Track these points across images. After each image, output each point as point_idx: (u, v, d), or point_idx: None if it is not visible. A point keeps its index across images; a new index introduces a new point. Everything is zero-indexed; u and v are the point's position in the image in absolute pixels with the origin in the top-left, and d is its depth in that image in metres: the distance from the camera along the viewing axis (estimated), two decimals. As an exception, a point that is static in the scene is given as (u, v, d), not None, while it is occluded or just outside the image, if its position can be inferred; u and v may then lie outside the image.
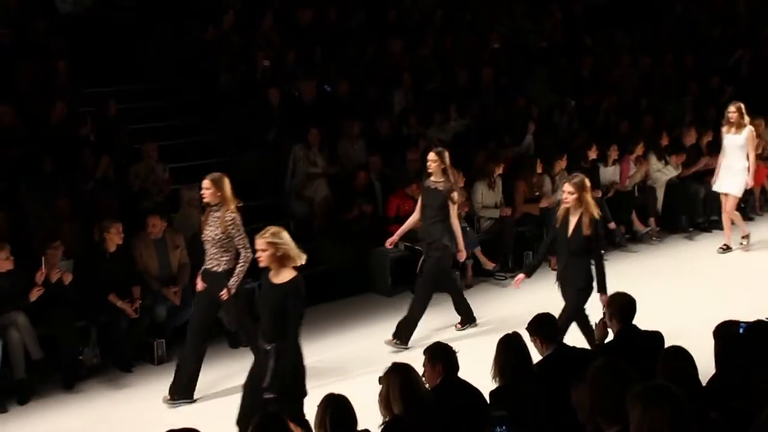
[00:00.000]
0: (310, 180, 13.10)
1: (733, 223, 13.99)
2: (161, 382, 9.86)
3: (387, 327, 11.16)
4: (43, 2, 14.33)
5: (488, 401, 6.49)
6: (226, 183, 9.31)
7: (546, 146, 14.55)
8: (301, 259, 7.72)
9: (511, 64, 16.81)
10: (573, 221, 9.16)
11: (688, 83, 17.76)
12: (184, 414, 8.93)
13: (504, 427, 5.06)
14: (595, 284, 9.16)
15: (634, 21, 19.25)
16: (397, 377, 6.02)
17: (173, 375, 9.35)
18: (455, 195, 10.55)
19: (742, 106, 13.54)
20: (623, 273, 12.91)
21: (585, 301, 9.22)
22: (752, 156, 13.62)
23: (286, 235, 7.72)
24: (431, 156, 10.65)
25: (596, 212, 9.20)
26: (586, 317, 9.27)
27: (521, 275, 9.86)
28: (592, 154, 14.22)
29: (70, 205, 10.76)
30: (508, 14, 18.16)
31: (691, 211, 15.24)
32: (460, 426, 6.14)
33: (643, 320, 7.43)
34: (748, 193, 15.87)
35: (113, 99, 12.90)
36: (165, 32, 14.75)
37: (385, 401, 6.00)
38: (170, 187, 12.14)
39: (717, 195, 15.32)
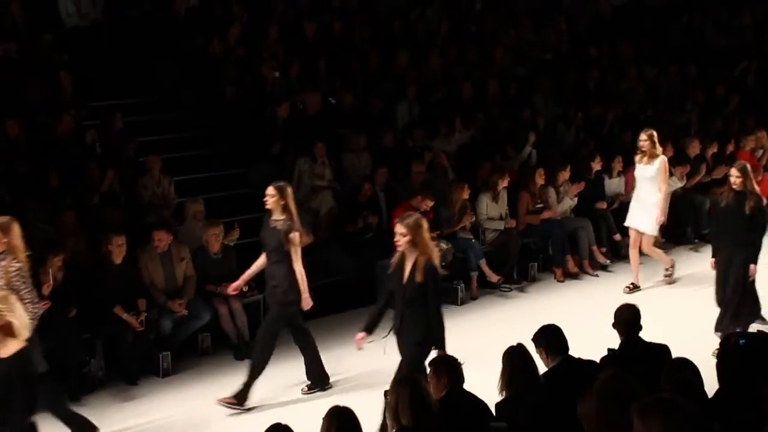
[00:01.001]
0: (315, 192, 13.11)
1: (645, 252, 12.92)
2: (167, 395, 9.88)
3: (391, 339, 11.14)
4: (49, 16, 14.36)
5: (494, 413, 6.48)
6: (15, 229, 8.45)
7: (550, 157, 14.55)
8: (24, 335, 6.92)
9: (516, 75, 16.84)
10: (408, 266, 8.04)
11: (693, 94, 17.76)
12: (189, 426, 8.92)
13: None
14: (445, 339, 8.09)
15: (640, 32, 19.26)
16: (406, 389, 6.01)
17: None
18: (295, 236, 9.38)
19: (655, 133, 12.42)
20: (628, 284, 12.95)
21: (425, 357, 7.93)
22: (663, 189, 12.39)
23: (15, 304, 7.11)
24: (270, 191, 9.51)
25: (435, 255, 8.10)
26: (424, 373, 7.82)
27: (361, 334, 8.50)
28: (596, 166, 14.21)
29: (75, 219, 10.77)
30: (514, 26, 18.18)
31: (696, 223, 15.23)
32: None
33: (648, 332, 7.42)
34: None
35: (119, 112, 12.92)
36: (170, 45, 14.77)
37: (393, 412, 5.99)
38: (176, 200, 12.15)
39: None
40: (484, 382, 6.91)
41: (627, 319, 7.38)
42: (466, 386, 6.68)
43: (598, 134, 15.91)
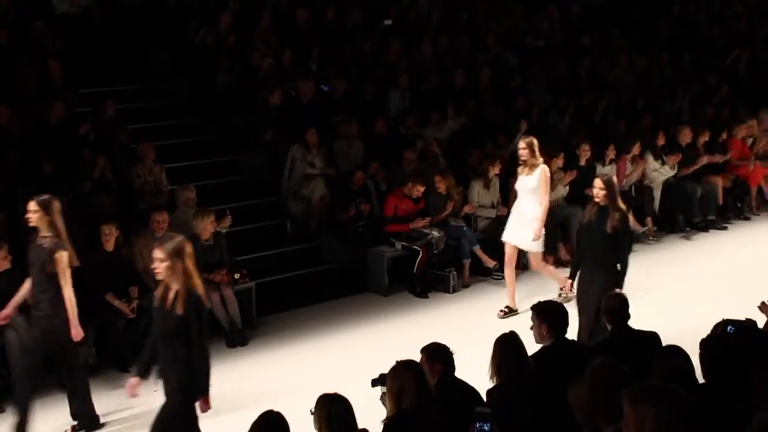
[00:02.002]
0: (307, 180, 13.11)
1: (536, 271, 12.07)
2: (158, 382, 9.86)
3: (383, 326, 11.20)
4: (40, 2, 14.30)
5: (485, 400, 6.50)
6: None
7: (543, 145, 14.53)
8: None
9: (508, 63, 16.83)
10: (170, 296, 6.98)
11: (685, 83, 17.78)
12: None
13: (488, 425, 5.05)
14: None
15: (631, 21, 19.26)
16: (411, 372, 6.04)
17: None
18: (62, 255, 8.23)
19: (535, 141, 11.21)
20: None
21: (186, 408, 7.18)
22: (545, 201, 11.26)
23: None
24: (32, 206, 8.34)
25: (199, 285, 7.01)
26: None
27: (134, 379, 7.55)
28: (586, 154, 14.21)
29: (66, 205, 10.72)
30: (506, 14, 18.16)
31: (687, 211, 15.26)
32: (456, 425, 6.15)
33: (638, 320, 7.45)
34: (744, 192, 15.94)
35: (110, 99, 12.89)
36: (162, 32, 14.73)
37: (396, 396, 5.98)
38: (168, 187, 12.14)
39: (714, 194, 15.40)
40: (476, 370, 6.92)
41: (615, 307, 7.40)
42: (458, 373, 6.70)
43: (590, 123, 15.91)
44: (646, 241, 14.58)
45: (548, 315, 7.11)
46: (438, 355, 6.63)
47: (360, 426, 5.73)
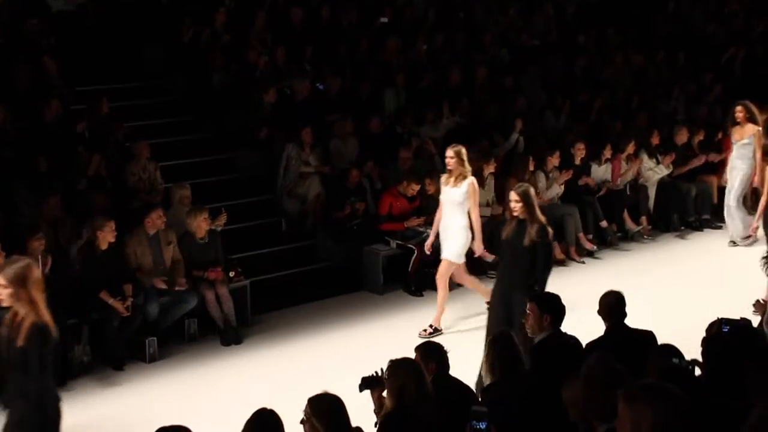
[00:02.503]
0: (302, 178, 13.10)
1: (458, 282, 11.41)
2: (153, 381, 9.88)
3: (378, 325, 11.20)
4: (34, 0, 14.28)
5: (479, 398, 6.50)
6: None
7: (538, 144, 14.56)
8: None
9: (504, 61, 16.83)
10: (16, 324, 6.30)
11: (680, 81, 17.79)
12: (176, 412, 8.91)
13: (484, 423, 5.05)
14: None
15: (627, 19, 19.26)
16: (412, 370, 6.10)
17: None
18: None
19: (463, 150, 10.61)
20: (615, 271, 12.99)
21: None
22: (475, 214, 10.66)
23: None
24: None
25: (45, 314, 6.29)
26: None
27: None
28: (580, 153, 14.22)
29: (60, 203, 10.73)
30: (502, 12, 18.16)
31: (682, 210, 15.28)
32: (451, 423, 6.15)
33: (634, 319, 7.45)
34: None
35: (105, 97, 12.86)
36: (157, 30, 14.71)
37: (397, 394, 6.00)
38: (162, 185, 12.13)
39: (709, 193, 15.42)
40: (471, 368, 6.93)
41: (611, 305, 7.40)
42: (452, 372, 6.70)
43: (585, 121, 15.91)
44: (640, 240, 14.59)
45: (551, 305, 7.17)
46: (432, 353, 6.64)
47: (355, 424, 5.72)
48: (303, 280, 12.47)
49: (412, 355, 6.57)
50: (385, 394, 6.37)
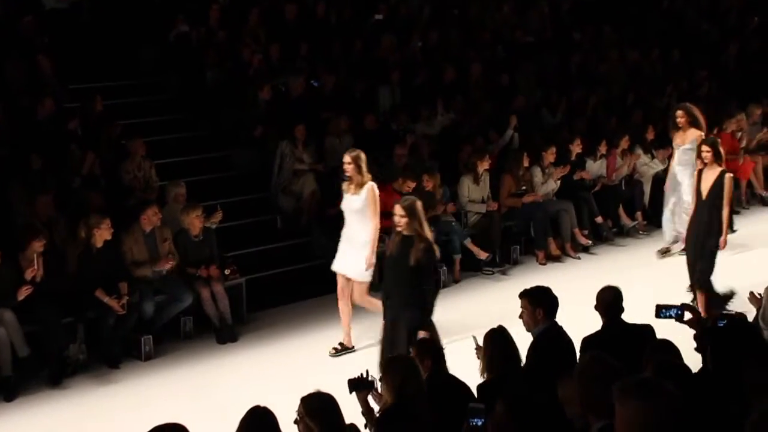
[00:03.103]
0: (297, 176, 13.09)
1: (357, 303, 10.44)
2: (148, 379, 9.87)
3: (372, 321, 11.14)
4: (28, -3, 14.26)
5: (476, 395, 6.50)
6: None
7: (533, 140, 14.56)
8: None
9: (498, 58, 16.82)
10: None
11: (675, 78, 17.79)
12: (171, 410, 8.90)
13: (481, 420, 5.06)
14: None
15: (622, 16, 19.27)
16: (410, 366, 6.15)
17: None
18: None
19: (362, 156, 10.03)
20: (610, 267, 12.99)
21: None
22: (375, 223, 10.01)
23: None
24: None
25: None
26: None
27: None
28: (576, 149, 14.24)
29: (53, 201, 10.70)
30: (497, 9, 18.16)
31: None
32: (447, 419, 6.16)
33: (630, 314, 7.45)
34: (734, 186, 15.94)
35: (99, 95, 12.84)
36: (152, 28, 14.69)
37: (396, 390, 6.01)
38: (157, 183, 12.11)
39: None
40: (467, 365, 6.92)
41: (608, 301, 7.40)
42: (449, 369, 6.71)
43: (581, 118, 15.91)
44: (636, 235, 14.61)
45: (542, 298, 7.15)
46: (428, 350, 6.64)
47: (350, 421, 5.73)
48: (298, 277, 12.46)
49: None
50: (370, 397, 6.39)
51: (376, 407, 6.44)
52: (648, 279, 12.22)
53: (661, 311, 6.87)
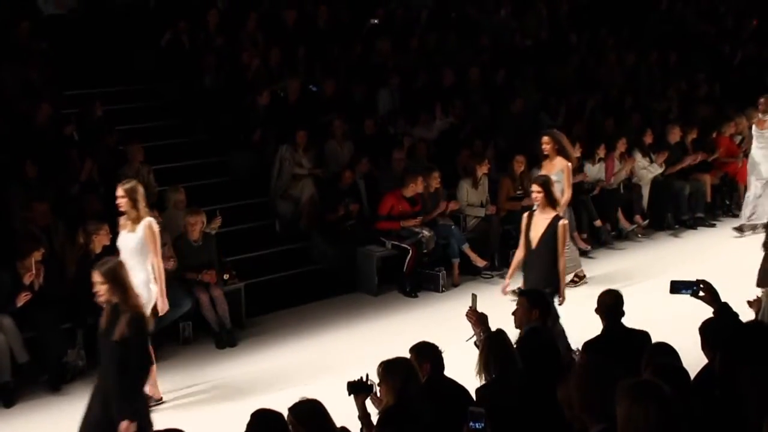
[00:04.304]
0: (295, 180, 13.09)
1: None
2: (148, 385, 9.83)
3: (372, 326, 11.18)
4: (25, 3, 14.25)
5: (474, 398, 6.50)
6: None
7: (532, 144, 14.54)
8: None
9: (497, 62, 16.83)
10: None
11: (673, 81, 17.81)
12: (169, 415, 8.90)
13: (481, 424, 5.06)
14: None
15: (620, 19, 19.29)
16: (408, 369, 6.18)
17: None
18: None
19: (139, 188, 9.18)
20: (609, 270, 13.00)
21: None
22: (156, 262, 9.11)
23: None
24: None
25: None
26: None
27: None
28: (576, 152, 14.22)
29: (51, 208, 10.69)
30: (495, 12, 18.17)
31: (676, 209, 15.29)
32: (446, 423, 6.16)
33: (629, 317, 7.45)
34: (732, 189, 15.98)
35: (98, 100, 12.83)
36: (149, 33, 14.69)
37: (397, 391, 6.04)
38: (156, 189, 12.11)
39: (703, 192, 15.43)
40: (465, 368, 6.92)
41: (609, 304, 7.41)
42: (447, 372, 6.70)
43: (579, 121, 15.91)
44: (635, 238, 14.61)
45: (541, 300, 7.34)
46: (427, 354, 6.64)
47: (347, 423, 5.74)
48: (297, 282, 12.46)
49: (407, 356, 6.57)
50: (369, 400, 6.39)
51: (373, 412, 6.45)
52: (646, 283, 12.22)
53: (677, 287, 6.80)
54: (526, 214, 9.66)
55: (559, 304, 9.05)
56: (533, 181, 10.08)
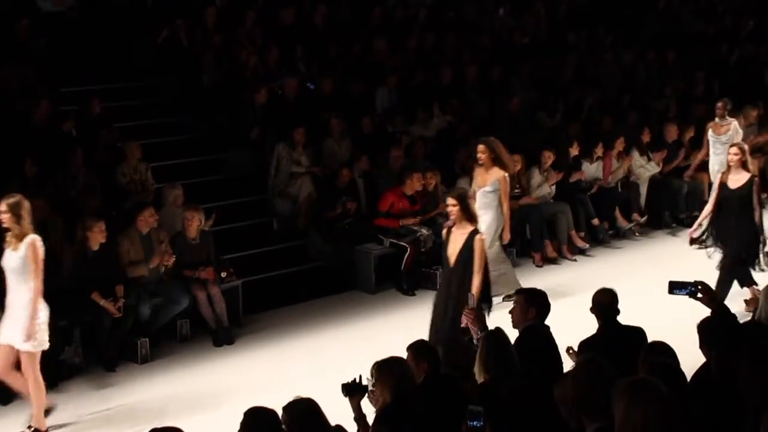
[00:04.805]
0: (293, 178, 13.09)
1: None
2: (145, 382, 9.86)
3: (370, 324, 11.18)
4: (24, 1, 14.24)
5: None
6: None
7: (530, 143, 14.56)
8: None
9: (495, 61, 16.84)
10: None
11: (671, 79, 17.82)
12: (168, 412, 8.91)
13: (479, 422, 5.06)
14: None
15: (617, 17, 19.29)
16: (404, 367, 6.21)
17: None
18: None
19: (25, 202, 8.25)
20: (606, 269, 13.00)
21: None
22: (35, 284, 8.18)
23: None
24: None
25: None
26: None
27: None
28: (574, 151, 14.26)
29: (47, 205, 10.68)
30: (493, 11, 18.18)
31: (673, 207, 15.31)
32: (444, 421, 6.16)
33: (625, 316, 7.46)
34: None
35: (97, 98, 12.82)
36: (148, 30, 14.68)
37: (394, 389, 6.06)
38: (154, 186, 12.11)
39: (700, 190, 15.42)
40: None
41: (604, 303, 7.41)
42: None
43: (576, 120, 15.92)
44: (632, 237, 14.62)
45: (539, 300, 7.28)
46: (424, 352, 6.64)
47: (344, 421, 5.74)
48: (295, 280, 12.46)
49: (404, 354, 6.58)
50: (365, 399, 6.39)
51: (369, 411, 6.45)
52: (643, 281, 12.22)
53: (675, 288, 6.80)
54: (444, 230, 9.26)
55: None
56: (449, 194, 9.66)
